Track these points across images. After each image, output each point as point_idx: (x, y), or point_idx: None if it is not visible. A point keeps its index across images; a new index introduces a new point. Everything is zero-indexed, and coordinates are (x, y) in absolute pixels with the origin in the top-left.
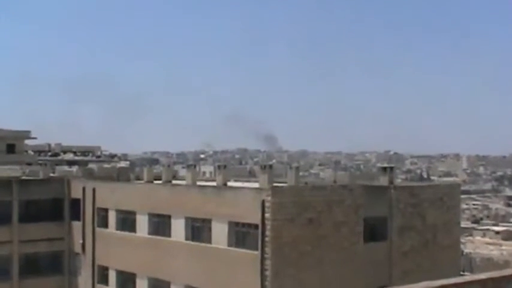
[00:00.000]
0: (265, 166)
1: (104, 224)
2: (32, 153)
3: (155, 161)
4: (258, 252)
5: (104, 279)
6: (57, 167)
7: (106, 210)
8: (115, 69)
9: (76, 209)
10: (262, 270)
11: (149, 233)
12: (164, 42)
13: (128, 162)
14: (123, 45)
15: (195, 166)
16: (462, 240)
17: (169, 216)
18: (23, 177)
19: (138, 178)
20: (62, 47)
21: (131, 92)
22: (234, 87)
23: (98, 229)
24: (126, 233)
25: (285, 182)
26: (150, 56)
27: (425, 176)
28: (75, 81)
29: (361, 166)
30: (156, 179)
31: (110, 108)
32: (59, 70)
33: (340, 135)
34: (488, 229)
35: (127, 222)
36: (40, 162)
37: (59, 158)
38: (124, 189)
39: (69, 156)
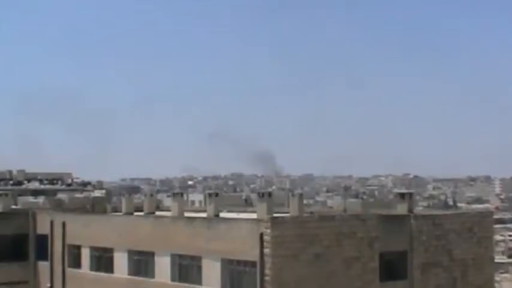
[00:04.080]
0: (263, 193)
1: (76, 263)
2: None
3: (135, 189)
4: None
5: None
6: (20, 198)
7: (78, 248)
8: (80, 83)
9: (43, 246)
10: None
11: (129, 274)
12: (138, 55)
13: (103, 191)
14: (89, 57)
15: (182, 194)
16: (496, 278)
17: (152, 254)
18: None
19: (115, 209)
20: (15, 56)
21: (100, 108)
22: (217, 103)
23: (68, 270)
24: (102, 274)
25: (287, 212)
26: (120, 70)
27: (450, 202)
28: (32, 96)
29: (376, 192)
30: (136, 210)
31: (76, 127)
32: (13, 83)
33: (350, 156)
34: None
35: (103, 261)
36: None
37: (22, 187)
38: (99, 222)
39: (35, 184)
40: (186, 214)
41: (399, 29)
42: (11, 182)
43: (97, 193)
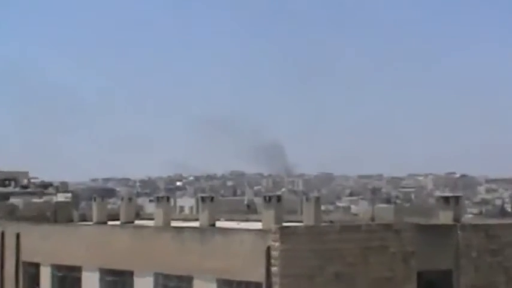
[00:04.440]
0: (270, 197)
1: (34, 285)
2: None
3: (110, 192)
4: None
5: None
6: None
7: (36, 266)
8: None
9: None
10: None
11: None
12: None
13: (69, 195)
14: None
15: (168, 199)
16: None
17: (131, 273)
18: None
19: (84, 218)
20: None
21: (62, 86)
22: (212, 87)
23: None
24: None
25: (301, 221)
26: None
27: (508, 209)
28: None
29: (412, 195)
30: (111, 219)
31: (31, 111)
32: None
33: (380, 151)
34: None
35: (68, 282)
36: None
37: None
38: (63, 234)
39: None
40: (174, 223)
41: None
42: None
43: (60, 197)
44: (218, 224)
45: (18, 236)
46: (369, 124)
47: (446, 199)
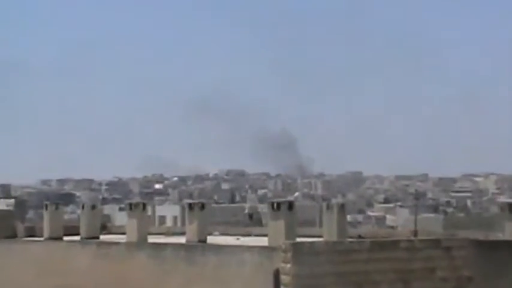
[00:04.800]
0: (279, 204)
1: None
2: None
3: (67, 198)
4: None
5: None
6: None
7: None
8: None
9: None
10: None
11: None
12: None
13: (11, 201)
14: None
15: (144, 206)
16: None
17: None
18: None
19: (32, 231)
20: None
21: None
22: (203, 61)
23: None
24: None
25: (319, 236)
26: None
27: None
28: None
29: (468, 202)
30: (68, 233)
31: None
32: None
33: (424, 144)
34: None
35: None
36: None
37: None
38: (5, 252)
39: None
40: (152, 238)
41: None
42: None
43: (1, 204)
44: (211, 239)
45: None
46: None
47: None
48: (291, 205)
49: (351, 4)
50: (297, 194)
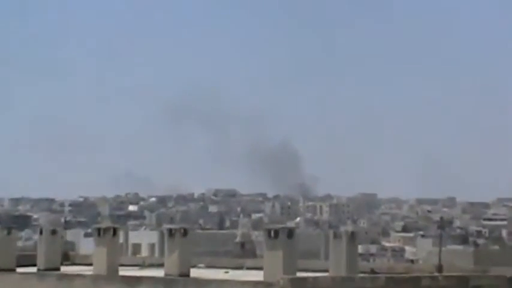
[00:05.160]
0: (277, 231)
1: None
2: None
3: (21, 220)
4: None
5: None
6: None
7: None
8: None
9: None
10: None
11: None
12: None
13: None
14: None
15: (114, 231)
16: None
17: None
18: None
19: None
20: None
21: None
22: (186, 59)
23: None
24: None
25: (325, 270)
26: None
27: None
28: None
29: (503, 232)
30: (22, 264)
31: None
32: None
33: (448, 160)
34: None
35: None
36: None
37: None
38: None
39: None
40: (123, 271)
41: None
42: None
43: None
44: (194, 272)
45: None
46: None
47: None
48: (291, 232)
49: None
50: (298, 219)
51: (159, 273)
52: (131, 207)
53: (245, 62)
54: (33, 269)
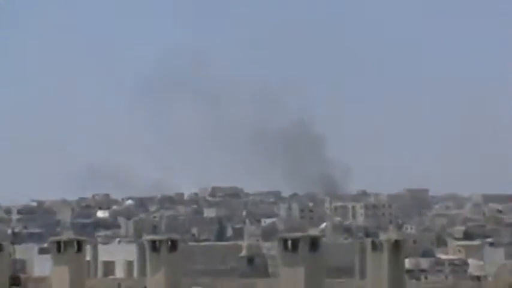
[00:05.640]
0: (295, 242)
1: None
2: None
3: None
4: None
5: None
6: None
7: None
8: None
9: None
10: None
11: None
12: None
13: None
14: None
15: (79, 246)
16: None
17: None
18: None
19: None
20: None
21: None
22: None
23: None
24: None
25: None
26: None
27: None
28: None
29: None
30: None
31: None
32: None
33: None
34: None
35: None
36: None
37: None
38: None
39: None
40: None
41: None
42: None
43: None
44: None
45: None
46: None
47: None
48: (314, 243)
49: None
50: (324, 225)
51: None
52: (100, 213)
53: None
54: None
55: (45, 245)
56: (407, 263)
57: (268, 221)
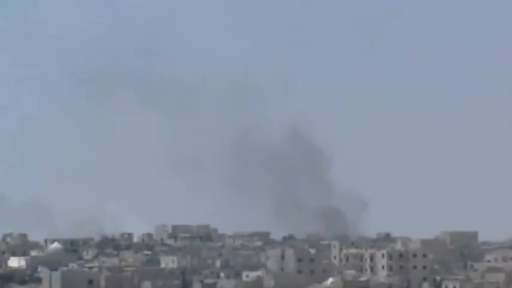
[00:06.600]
0: None
1: None
2: None
3: None
4: None
5: None
6: None
7: None
8: None
9: None
10: None
11: None
12: None
13: None
14: None
15: None
16: None
17: None
18: None
19: None
20: None
21: None
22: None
23: None
24: None
25: None
26: None
27: None
28: None
29: None
30: None
31: None
32: None
33: None
34: None
35: None
36: None
37: None
38: None
39: None
40: None
41: None
42: None
43: None
44: None
45: None
46: None
47: None
48: None
49: None
50: (330, 281)
51: None
52: (14, 261)
53: None
54: None
55: None
56: None
57: (252, 274)
